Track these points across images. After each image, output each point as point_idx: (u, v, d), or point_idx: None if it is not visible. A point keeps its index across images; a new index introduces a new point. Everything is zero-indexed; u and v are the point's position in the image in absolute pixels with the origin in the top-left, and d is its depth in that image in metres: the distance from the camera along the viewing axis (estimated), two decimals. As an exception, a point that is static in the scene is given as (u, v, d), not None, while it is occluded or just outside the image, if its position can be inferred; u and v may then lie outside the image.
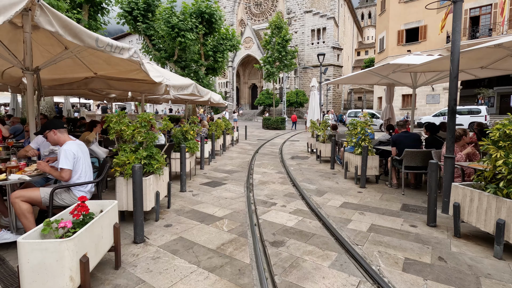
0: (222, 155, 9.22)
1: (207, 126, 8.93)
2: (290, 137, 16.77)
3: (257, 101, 36.16)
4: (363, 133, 5.21)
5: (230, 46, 15.48)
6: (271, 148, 11.25)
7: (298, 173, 6.41)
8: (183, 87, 6.46)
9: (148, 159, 3.28)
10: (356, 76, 8.29)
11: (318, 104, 9.97)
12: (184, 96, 9.48)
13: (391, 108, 9.04)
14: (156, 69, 6.22)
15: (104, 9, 11.33)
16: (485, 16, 20.66)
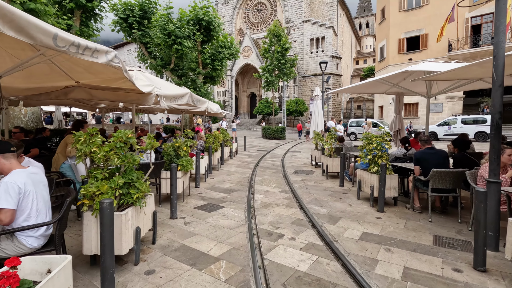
0: (220, 169, 8.56)
1: (204, 139, 8.29)
2: (291, 147, 16.14)
3: (256, 110, 35.68)
4: (379, 149, 4.58)
5: (229, 54, 15.02)
6: (272, 161, 10.61)
7: (304, 192, 5.74)
8: (177, 97, 5.86)
9: (127, 187, 2.63)
10: (364, 85, 7.74)
11: (322, 114, 9.38)
12: (179, 106, 8.89)
13: (400, 119, 8.47)
14: (147, 77, 5.61)
15: (97, 15, 10.83)
16: (487, 25, 20.44)
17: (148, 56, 14.10)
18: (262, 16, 43.48)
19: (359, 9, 77.21)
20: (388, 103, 25.21)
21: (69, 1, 9.54)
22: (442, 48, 21.84)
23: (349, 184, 6.46)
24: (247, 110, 45.91)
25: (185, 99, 6.22)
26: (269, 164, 9.84)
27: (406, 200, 5.06)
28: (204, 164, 6.68)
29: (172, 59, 13.36)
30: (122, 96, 5.07)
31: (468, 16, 20.84)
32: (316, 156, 8.95)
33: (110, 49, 2.94)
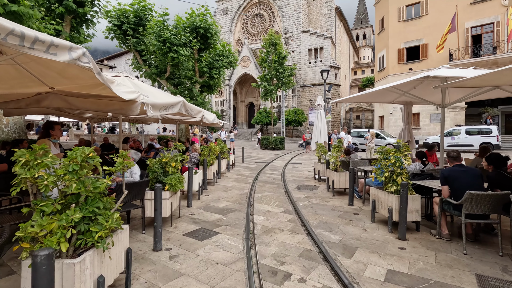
0: (216, 184, 7.89)
1: (199, 151, 7.65)
2: (290, 159, 15.52)
3: (255, 120, 35.20)
4: (398, 165, 3.97)
5: (227, 62, 14.55)
6: (272, 174, 9.95)
7: (310, 213, 5.08)
8: (168, 106, 5.25)
9: (87, 222, 1.98)
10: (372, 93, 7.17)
11: (325, 125, 8.81)
12: (171, 116, 8.29)
13: (409, 130, 7.91)
14: (135, 84, 5.01)
15: (89, 21, 10.34)
16: (487, 35, 20.27)
17: (142, 64, 13.59)
18: (261, 26, 43.61)
19: (356, 21, 78.24)
20: (389, 113, 24.83)
21: (58, 6, 9.04)
22: (442, 58, 21.60)
23: (359, 202, 5.81)
24: (245, 120, 45.47)
25: (176, 108, 5.62)
26: (269, 177, 9.18)
27: (429, 224, 4.42)
28: (198, 180, 6.02)
29: (167, 67, 12.86)
30: (102, 105, 4.45)
31: (468, 26, 20.70)
32: (320, 169, 8.32)
33: (76, 46, 2.34)
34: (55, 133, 3.91)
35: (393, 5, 24.20)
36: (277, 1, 40.63)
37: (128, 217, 4.38)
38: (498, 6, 19.59)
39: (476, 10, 20.43)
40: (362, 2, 78.80)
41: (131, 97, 3.94)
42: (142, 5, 12.90)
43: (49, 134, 3.91)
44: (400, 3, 23.86)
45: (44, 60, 2.71)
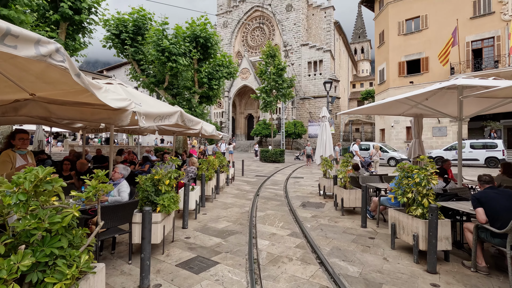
0: (215, 200, 7.33)
1: (197, 165, 7.14)
2: (291, 172, 15.00)
3: (254, 132, 34.84)
4: (424, 184, 3.47)
5: (227, 73, 14.24)
6: (274, 189, 9.41)
7: (320, 236, 4.54)
8: (163, 116, 4.79)
9: (42, 269, 1.46)
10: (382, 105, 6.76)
11: (330, 138, 8.36)
12: (168, 127, 7.82)
13: (420, 144, 7.48)
14: (128, 92, 4.58)
15: (85, 29, 10.02)
16: (488, 49, 20.26)
17: (140, 73, 13.23)
18: (261, 39, 43.98)
19: (354, 36, 79.53)
20: (390, 126, 24.53)
21: (53, 13, 8.71)
22: (444, 72, 21.52)
23: (373, 223, 5.27)
24: (244, 132, 45.13)
25: (173, 119, 5.15)
26: (271, 193, 8.64)
27: (459, 253, 3.88)
28: (195, 197, 5.48)
29: (166, 77, 12.49)
30: (88, 114, 3.98)
31: (468, 40, 20.72)
32: (326, 185, 7.80)
33: (47, 39, 1.89)
34: (16, 143, 3.41)
35: (393, 19, 24.34)
36: (277, 15, 41.12)
37: (113, 243, 3.81)
38: (498, 20, 19.67)
39: (476, 25, 20.50)
40: (360, 17, 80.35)
41: (121, 105, 3.47)
42: (142, 14, 12.66)
43: (11, 145, 3.41)
44: (400, 17, 24.00)
45: (19, 60, 2.27)
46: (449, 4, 21.64)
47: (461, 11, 20.98)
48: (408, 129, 23.83)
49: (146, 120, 4.21)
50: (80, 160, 5.12)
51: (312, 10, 41.76)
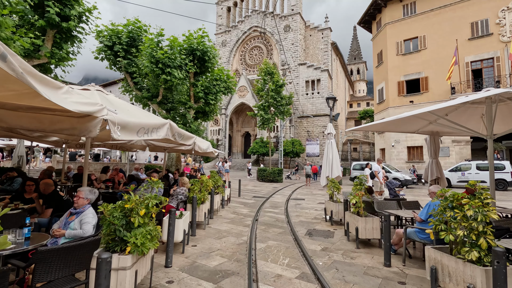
0: (208, 227, 6.38)
1: (188, 185, 6.26)
2: (291, 193, 14.10)
3: (251, 150, 34.06)
4: (480, 219, 2.65)
5: (224, 88, 13.64)
6: (274, 213, 8.48)
7: (337, 280, 3.63)
8: (149, 129, 4.02)
9: None
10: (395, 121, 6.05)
11: (337, 156, 7.59)
12: (158, 142, 7.01)
13: (438, 165, 6.72)
14: (106, 98, 3.84)
15: (75, 37, 9.40)
16: (488, 69, 20.16)
17: (133, 87, 12.56)
18: (259, 58, 44.30)
19: (350, 57, 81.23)
20: (391, 146, 23.95)
21: (38, 18, 8.09)
22: (443, 91, 21.30)
23: (397, 260, 4.36)
24: (240, 150, 44.33)
25: (162, 132, 4.38)
26: (271, 218, 7.71)
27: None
28: (184, 225, 4.57)
29: (160, 90, 11.82)
30: (46, 122, 3.16)
31: (467, 61, 20.67)
32: (333, 210, 6.92)
33: None
34: None
35: (391, 39, 24.45)
36: (275, 35, 41.66)
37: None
38: (497, 42, 19.71)
39: (475, 45, 20.53)
40: (355, 39, 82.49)
41: (85, 110, 2.68)
42: (137, 26, 12.19)
43: None
44: (398, 37, 24.12)
45: None
46: (446, 26, 21.79)
47: (459, 32, 21.08)
48: (409, 148, 23.26)
49: (125, 131, 3.41)
50: (44, 181, 4.23)
51: (309, 31, 42.46)
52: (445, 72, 21.29)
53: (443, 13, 22.12)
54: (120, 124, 3.22)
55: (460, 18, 21.27)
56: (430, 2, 22.77)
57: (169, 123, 4.52)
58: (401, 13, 24.23)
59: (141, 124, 3.79)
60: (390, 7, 24.84)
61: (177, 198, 6.05)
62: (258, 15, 43.65)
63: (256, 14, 43.91)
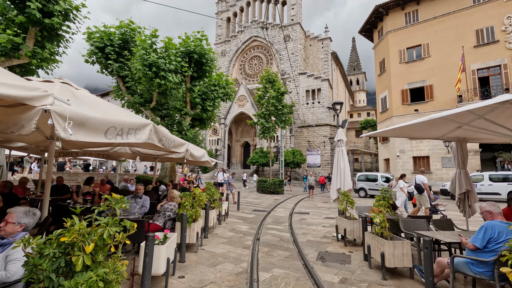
0: (201, 249, 5.40)
1: (178, 200, 5.34)
2: (294, 206, 13.10)
3: (250, 160, 33.11)
4: None
5: (223, 94, 12.87)
6: (277, 230, 7.51)
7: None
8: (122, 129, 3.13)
9: None
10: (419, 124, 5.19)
11: (348, 166, 6.69)
12: (144, 148, 6.12)
13: (467, 175, 5.82)
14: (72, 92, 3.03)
15: (61, 37, 8.65)
16: (495, 77, 19.55)
17: (125, 92, 11.77)
18: (258, 68, 43.96)
19: (349, 68, 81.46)
20: (395, 156, 23.08)
21: (17, 13, 7.35)
22: (449, 100, 20.62)
23: (439, 298, 3.42)
24: (240, 160, 43.35)
25: (143, 135, 3.51)
26: (275, 236, 6.74)
27: None
28: (168, 253, 3.61)
29: (153, 95, 11.01)
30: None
31: (474, 68, 20.08)
32: (347, 228, 5.97)
33: None
34: None
35: (393, 47, 23.99)
36: (275, 45, 41.45)
37: None
38: (503, 49, 19.18)
39: (481, 53, 20.00)
40: (354, 50, 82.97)
41: (15, 95, 1.80)
42: (131, 28, 11.51)
43: None
44: (401, 45, 23.66)
45: None
46: (451, 33, 21.35)
47: (464, 39, 20.60)
48: (415, 159, 22.38)
49: (83, 131, 2.54)
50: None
51: (309, 41, 42.30)
52: (450, 80, 20.71)
53: (446, 20, 21.72)
54: (75, 119, 2.35)
55: (464, 25, 20.84)
56: (433, 10, 22.42)
57: (152, 124, 3.64)
58: (403, 21, 23.86)
59: (111, 122, 2.91)
60: (392, 15, 24.50)
61: (164, 215, 5.11)
62: (258, 25, 43.61)
63: (256, 24, 43.88)
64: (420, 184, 8.47)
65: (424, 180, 8.49)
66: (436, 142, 21.23)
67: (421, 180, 8.50)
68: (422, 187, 8.42)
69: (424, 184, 8.42)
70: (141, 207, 5.48)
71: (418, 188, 8.51)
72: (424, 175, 8.74)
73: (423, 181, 8.46)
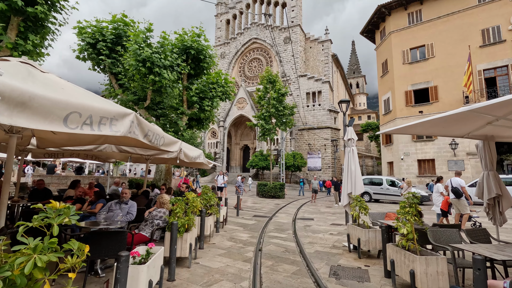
0: (194, 263, 4.68)
1: (168, 206, 4.64)
2: (296, 211, 12.38)
3: (250, 163, 32.39)
4: None
5: (222, 93, 12.20)
6: (281, 239, 6.79)
7: None
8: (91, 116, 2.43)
9: None
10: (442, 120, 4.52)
11: (358, 168, 6.01)
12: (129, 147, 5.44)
13: (497, 178, 5.14)
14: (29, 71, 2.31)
15: (46, 28, 7.99)
16: (502, 78, 18.98)
17: (118, 89, 11.09)
18: (258, 70, 43.46)
19: (349, 71, 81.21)
20: (400, 159, 22.41)
21: (-7, 0, 6.70)
22: (455, 101, 20.03)
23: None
24: (239, 164, 42.62)
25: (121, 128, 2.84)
26: (278, 246, 6.02)
27: None
28: (149, 274, 2.89)
29: (147, 93, 10.34)
30: None
31: (480, 69, 19.52)
32: (361, 238, 5.26)
33: None
34: None
35: (396, 48, 23.47)
36: (275, 47, 41.00)
37: None
38: (511, 49, 18.65)
39: (487, 53, 19.46)
40: (354, 54, 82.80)
41: None
42: (125, 22, 10.87)
43: None
44: (404, 46, 23.14)
45: None
46: (455, 33, 20.83)
47: (469, 39, 20.07)
48: (420, 162, 21.71)
49: (24, 113, 1.87)
50: None
51: (309, 43, 41.88)
52: (455, 81, 20.16)
53: (451, 20, 21.22)
54: (7, 95, 1.67)
55: (470, 25, 20.34)
56: (436, 10, 21.94)
57: (135, 115, 2.96)
58: (407, 21, 23.37)
59: (74, 107, 2.23)
60: (395, 16, 24.03)
61: (152, 224, 4.40)
62: (258, 27, 43.22)
63: (255, 26, 43.49)
64: (458, 187, 7.53)
65: (462, 183, 7.60)
66: (442, 145, 20.59)
67: (458, 183, 7.59)
68: (460, 190, 7.48)
69: (462, 188, 7.50)
70: (127, 214, 4.77)
71: (456, 192, 7.52)
72: (459, 177, 7.84)
73: (461, 184, 7.54)
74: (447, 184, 8.02)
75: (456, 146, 19.72)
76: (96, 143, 5.16)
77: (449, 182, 7.84)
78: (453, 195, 7.52)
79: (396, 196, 16.83)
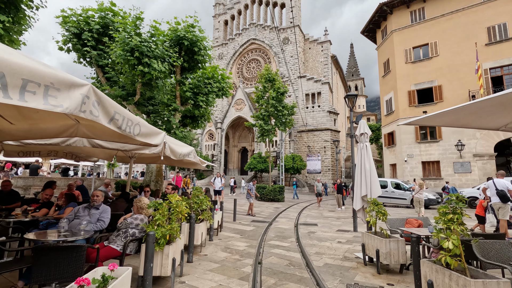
0: (179, 283, 3.79)
1: (147, 212, 3.76)
2: (298, 216, 11.53)
3: (248, 166, 31.50)
4: None
5: (218, 88, 11.35)
6: (283, 248, 5.92)
7: None
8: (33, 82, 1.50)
9: None
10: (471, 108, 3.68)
11: (374, 166, 5.16)
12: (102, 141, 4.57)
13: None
14: None
15: (20, 11, 7.13)
16: (510, 76, 18.32)
17: (105, 83, 10.24)
18: (256, 71, 42.74)
19: (348, 74, 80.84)
20: (403, 161, 21.64)
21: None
22: (461, 101, 19.31)
23: None
24: (237, 166, 41.69)
25: (68, 102, 1.98)
26: (281, 258, 5.14)
27: None
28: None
29: (137, 86, 9.48)
30: None
31: (486, 67, 18.86)
32: (381, 249, 4.40)
33: None
34: None
35: (399, 47, 22.82)
36: (273, 48, 40.36)
37: None
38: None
39: (493, 51, 18.82)
40: (353, 57, 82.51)
41: None
42: (113, 11, 10.04)
43: None
44: (406, 45, 22.50)
45: None
46: (460, 31, 20.21)
47: (474, 37, 19.45)
48: (424, 164, 20.95)
49: None
50: None
51: (308, 44, 41.29)
52: (461, 80, 19.50)
53: (455, 18, 20.62)
54: None
55: (475, 23, 19.73)
56: (440, 7, 21.34)
57: (91, 87, 2.11)
58: (409, 19, 22.76)
59: None
60: (397, 14, 23.42)
61: (126, 234, 3.52)
62: (256, 28, 42.59)
63: (254, 27, 42.86)
64: (505, 190, 6.60)
65: (509, 185, 6.65)
66: (447, 146, 19.85)
67: (505, 186, 6.66)
68: (507, 194, 6.59)
69: (509, 191, 6.58)
70: (97, 221, 3.89)
71: (502, 196, 6.61)
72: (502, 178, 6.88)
73: (509, 187, 6.58)
74: (486, 186, 7.14)
75: (463, 147, 18.98)
76: (63, 135, 4.27)
77: (491, 184, 6.87)
78: (497, 198, 6.60)
79: (402, 200, 16.02)
